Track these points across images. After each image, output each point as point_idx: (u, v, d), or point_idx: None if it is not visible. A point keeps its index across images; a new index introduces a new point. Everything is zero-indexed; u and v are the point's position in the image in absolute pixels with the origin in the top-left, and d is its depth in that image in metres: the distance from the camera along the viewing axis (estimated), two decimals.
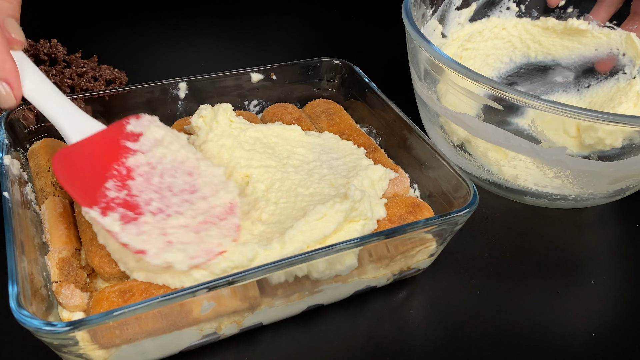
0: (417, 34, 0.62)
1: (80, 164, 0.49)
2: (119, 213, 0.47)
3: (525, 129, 0.65)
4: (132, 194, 0.48)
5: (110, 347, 0.43)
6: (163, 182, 0.51)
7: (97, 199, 0.47)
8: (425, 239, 0.52)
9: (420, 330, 0.54)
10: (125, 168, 0.50)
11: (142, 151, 0.51)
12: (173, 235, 0.47)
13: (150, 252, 0.45)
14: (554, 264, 0.61)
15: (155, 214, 0.48)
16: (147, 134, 0.52)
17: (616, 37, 0.78)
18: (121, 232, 0.46)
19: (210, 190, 0.52)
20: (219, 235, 0.49)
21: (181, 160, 0.53)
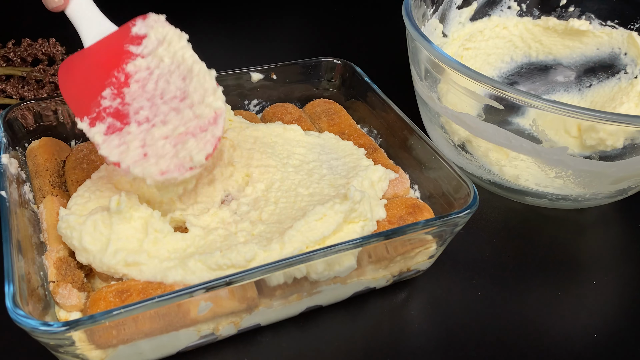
0: (417, 34, 0.61)
1: (83, 73, 0.50)
2: (107, 123, 0.48)
3: (527, 128, 0.65)
4: (125, 102, 0.49)
5: (107, 348, 0.42)
6: (156, 89, 0.50)
7: (91, 109, 0.48)
8: (425, 240, 0.51)
9: (420, 330, 0.54)
10: (123, 74, 0.50)
11: (142, 55, 0.51)
12: (151, 147, 0.47)
13: (123, 164, 0.46)
14: (555, 265, 0.61)
15: (140, 123, 0.49)
16: (151, 34, 0.52)
17: (618, 37, 0.77)
18: (102, 144, 0.47)
19: (199, 97, 0.50)
20: (195, 148, 0.48)
21: (178, 63, 0.51)
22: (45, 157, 0.57)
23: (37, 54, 0.78)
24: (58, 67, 0.76)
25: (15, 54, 0.77)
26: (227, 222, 0.52)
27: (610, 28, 0.78)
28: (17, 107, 0.57)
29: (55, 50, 0.78)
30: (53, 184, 0.55)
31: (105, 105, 0.49)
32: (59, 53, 0.78)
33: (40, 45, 0.79)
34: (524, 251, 0.62)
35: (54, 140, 0.59)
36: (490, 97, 0.58)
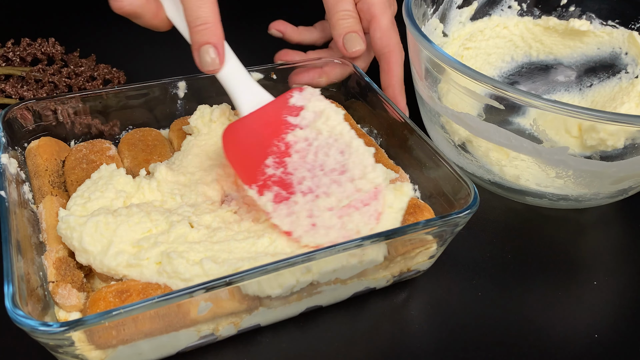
0: (418, 33, 0.61)
1: (246, 139, 0.51)
2: (274, 192, 0.50)
3: (527, 128, 0.65)
4: (288, 172, 0.51)
5: (107, 348, 0.42)
6: (316, 160, 0.52)
7: (257, 177, 0.50)
8: (425, 240, 0.51)
9: (421, 331, 0.54)
10: (284, 144, 0.52)
11: (301, 126, 0.53)
12: (318, 218, 0.49)
13: (295, 233, 0.48)
14: (556, 265, 0.61)
15: (305, 194, 0.50)
16: (308, 107, 0.53)
17: (618, 36, 0.77)
18: (273, 212, 0.49)
19: (359, 173, 0.52)
20: (359, 221, 0.50)
21: (336, 138, 0.53)
22: (44, 157, 0.57)
23: (36, 53, 0.78)
24: (57, 67, 0.77)
25: (14, 53, 0.77)
26: (228, 222, 0.51)
27: (611, 28, 0.78)
28: (17, 106, 0.57)
29: (55, 50, 0.78)
30: (52, 183, 0.55)
31: (269, 173, 0.50)
32: (58, 53, 0.78)
33: (40, 44, 0.79)
34: (525, 251, 0.62)
35: (53, 140, 0.59)
36: (491, 96, 0.58)
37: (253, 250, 0.48)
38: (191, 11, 0.51)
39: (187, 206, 0.52)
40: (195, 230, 0.49)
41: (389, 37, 0.69)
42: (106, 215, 0.48)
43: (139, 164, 0.58)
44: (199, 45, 0.52)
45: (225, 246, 0.48)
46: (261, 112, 0.53)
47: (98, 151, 0.59)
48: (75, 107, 0.60)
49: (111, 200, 0.51)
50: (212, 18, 0.52)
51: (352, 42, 0.68)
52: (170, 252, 0.46)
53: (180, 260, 0.45)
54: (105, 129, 0.63)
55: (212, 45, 0.52)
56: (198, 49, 0.52)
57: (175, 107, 0.66)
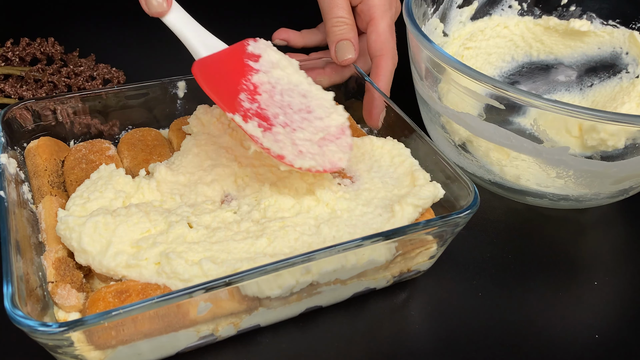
0: (418, 33, 0.61)
1: (215, 75, 0.53)
2: (256, 122, 0.51)
3: (528, 128, 0.65)
4: (262, 107, 0.53)
5: (106, 348, 0.42)
6: (283, 100, 0.55)
7: (236, 107, 0.51)
8: (425, 240, 0.51)
9: (421, 331, 0.53)
10: (251, 84, 0.54)
11: (263, 70, 0.55)
12: (302, 146, 0.52)
13: (287, 157, 0.50)
14: (556, 265, 0.61)
15: (283, 126, 0.53)
16: (265, 56, 0.56)
17: (619, 36, 0.77)
18: (262, 137, 0.51)
19: (324, 112, 0.56)
20: (337, 150, 0.54)
21: (296, 83, 0.57)
22: (44, 157, 0.56)
23: (35, 53, 0.78)
24: (56, 67, 0.76)
25: (13, 53, 0.77)
26: (227, 223, 0.51)
27: (611, 27, 0.78)
28: (16, 106, 0.57)
29: (54, 50, 0.78)
30: (52, 183, 0.55)
31: (245, 107, 0.52)
32: (57, 52, 0.78)
33: (39, 44, 0.79)
34: (525, 251, 0.62)
35: (52, 140, 0.59)
36: (491, 96, 0.58)
37: (252, 251, 0.48)
38: None
39: (186, 206, 0.52)
40: (194, 231, 0.49)
41: (383, 41, 0.68)
42: (105, 216, 0.48)
43: (139, 164, 0.58)
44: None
45: (224, 246, 0.47)
46: (224, 54, 0.55)
47: (97, 151, 0.59)
48: (74, 107, 0.60)
49: (110, 200, 0.51)
50: None
51: (343, 50, 0.68)
52: (169, 253, 0.46)
53: (179, 261, 0.45)
54: (104, 128, 0.62)
55: None
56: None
57: (175, 107, 0.66)
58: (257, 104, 0.53)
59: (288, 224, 0.50)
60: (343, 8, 0.68)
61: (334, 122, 0.55)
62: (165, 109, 0.65)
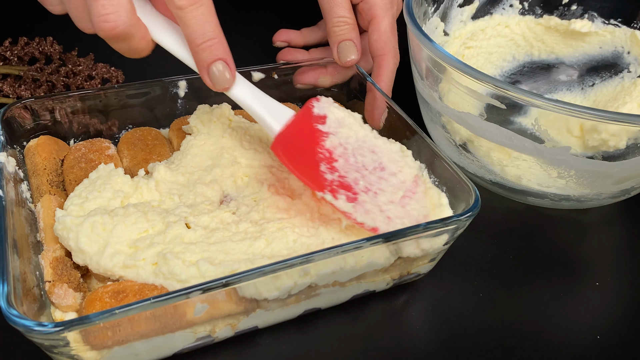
0: (418, 32, 0.61)
1: (295, 150, 0.51)
2: (343, 195, 0.50)
3: (529, 128, 0.65)
4: (342, 175, 0.51)
5: (102, 349, 0.42)
6: (357, 162, 0.53)
7: (323, 183, 0.50)
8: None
9: (422, 332, 0.53)
10: (326, 151, 0.52)
11: (332, 132, 0.54)
12: (388, 211, 0.51)
13: (381, 229, 0.49)
14: (558, 266, 0.61)
15: (365, 192, 0.51)
16: (330, 115, 0.55)
17: (621, 35, 0.77)
18: (355, 212, 0.49)
19: (396, 166, 0.55)
20: (418, 207, 0.52)
21: (363, 139, 0.55)
22: (43, 156, 0.56)
23: (34, 52, 0.78)
24: (54, 66, 0.76)
25: (12, 52, 0.77)
26: (226, 223, 0.51)
27: (613, 26, 0.78)
28: (15, 105, 0.56)
29: (53, 49, 0.78)
30: (51, 182, 0.55)
31: (329, 179, 0.50)
32: (56, 52, 0.78)
33: (37, 44, 0.78)
34: (526, 252, 0.62)
35: (52, 139, 0.59)
36: (492, 96, 0.58)
37: (250, 252, 0.47)
38: (195, 28, 0.48)
39: (184, 206, 0.52)
40: (192, 231, 0.49)
41: (385, 40, 0.68)
42: (102, 216, 0.47)
43: (138, 163, 0.58)
44: (208, 63, 0.49)
45: (222, 247, 0.47)
46: (296, 124, 0.53)
47: (97, 150, 0.59)
48: (73, 106, 0.60)
49: (108, 200, 0.51)
50: (218, 33, 0.49)
51: (346, 51, 0.67)
52: (166, 253, 0.45)
53: (176, 261, 0.45)
54: (103, 128, 0.62)
55: (222, 61, 0.50)
56: (208, 66, 0.50)
57: (176, 107, 0.66)
58: (337, 172, 0.51)
59: (287, 225, 0.50)
60: (344, 7, 0.67)
61: (408, 176, 0.55)
62: (166, 108, 0.65)
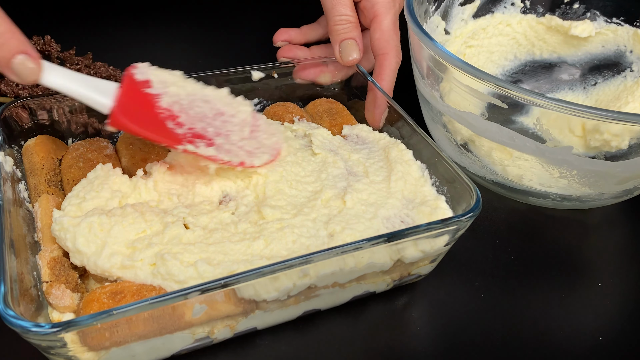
0: (419, 31, 0.61)
1: (137, 116, 0.51)
2: (201, 142, 0.51)
3: (531, 127, 0.64)
4: (191, 128, 0.52)
5: (100, 350, 0.42)
6: (198, 113, 0.54)
7: (178, 138, 0.51)
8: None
9: (422, 333, 0.53)
10: (165, 110, 0.52)
11: (162, 93, 0.53)
12: (245, 146, 0.54)
13: (246, 162, 0.52)
14: (560, 266, 0.60)
15: (219, 136, 0.53)
16: (153, 78, 0.54)
17: (623, 34, 0.77)
18: (219, 154, 0.51)
19: (232, 108, 0.57)
20: (268, 136, 0.56)
21: (193, 93, 0.56)
22: (41, 155, 0.56)
23: None
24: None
25: None
26: (225, 224, 0.51)
27: (615, 25, 0.77)
28: (13, 104, 0.56)
29: (51, 48, 0.77)
30: (49, 182, 0.55)
31: (181, 132, 0.51)
32: (54, 51, 0.77)
33: (35, 43, 0.78)
34: (528, 252, 0.62)
35: (50, 138, 0.59)
36: (494, 95, 0.57)
37: (248, 253, 0.47)
38: None
39: (183, 207, 0.51)
40: (190, 232, 0.48)
41: (387, 39, 0.67)
42: (100, 216, 0.47)
43: (137, 163, 0.58)
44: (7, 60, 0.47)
45: (220, 248, 0.47)
46: (125, 93, 0.52)
47: (95, 150, 0.58)
48: (71, 106, 0.60)
49: (106, 200, 0.51)
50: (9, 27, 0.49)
51: (348, 50, 0.66)
52: (164, 254, 0.45)
53: (174, 262, 0.44)
54: (102, 127, 0.62)
55: (21, 53, 0.48)
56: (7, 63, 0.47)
57: None
58: (186, 126, 0.52)
59: (286, 225, 0.50)
60: (346, 5, 0.67)
61: (246, 114, 0.57)
62: None
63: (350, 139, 0.63)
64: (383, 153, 0.60)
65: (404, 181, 0.56)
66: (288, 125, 0.64)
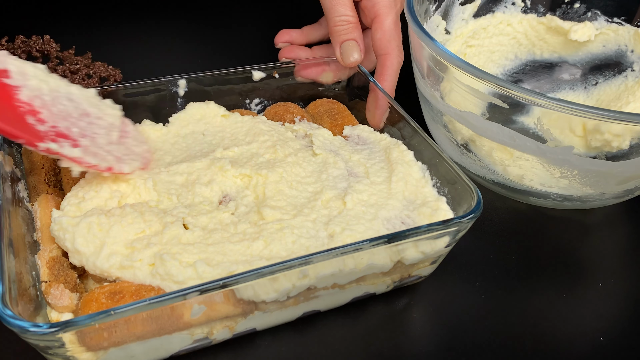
0: (420, 30, 0.61)
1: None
2: (65, 142, 0.47)
3: (531, 127, 0.64)
4: (53, 125, 0.48)
5: (98, 350, 0.41)
6: (61, 111, 0.49)
7: (40, 135, 0.46)
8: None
9: (423, 334, 0.53)
10: (25, 104, 0.47)
11: (22, 85, 0.48)
12: (113, 151, 0.51)
13: (115, 167, 0.50)
14: (561, 266, 0.60)
15: (84, 137, 0.49)
16: (12, 68, 0.48)
17: (624, 33, 0.77)
18: (85, 156, 0.48)
19: (98, 110, 0.53)
20: (137, 143, 0.54)
21: (56, 89, 0.51)
22: (41, 155, 0.56)
23: (31, 51, 0.78)
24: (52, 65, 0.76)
25: (9, 51, 0.77)
26: (224, 224, 0.51)
27: (616, 25, 0.77)
28: None
29: (50, 47, 0.78)
30: (48, 182, 0.54)
31: (42, 130, 0.47)
32: (53, 50, 0.78)
33: (34, 42, 0.78)
34: (528, 252, 0.61)
35: None
36: (494, 95, 0.57)
37: (248, 253, 0.47)
38: None
39: (182, 207, 0.51)
40: (189, 232, 0.48)
41: (389, 39, 0.67)
42: (99, 216, 0.47)
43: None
44: None
45: (219, 248, 0.47)
46: None
47: None
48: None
49: (106, 200, 0.50)
50: None
51: (349, 51, 0.66)
52: (163, 254, 0.45)
53: (173, 262, 0.44)
54: None
55: None
56: None
57: (175, 106, 0.65)
58: (48, 123, 0.47)
59: (286, 226, 0.49)
60: (346, 5, 0.66)
61: (114, 119, 0.54)
62: (166, 107, 0.65)
63: (351, 139, 0.63)
64: (384, 154, 0.60)
65: (404, 182, 0.56)
66: (289, 125, 0.64)
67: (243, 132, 0.61)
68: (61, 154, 0.47)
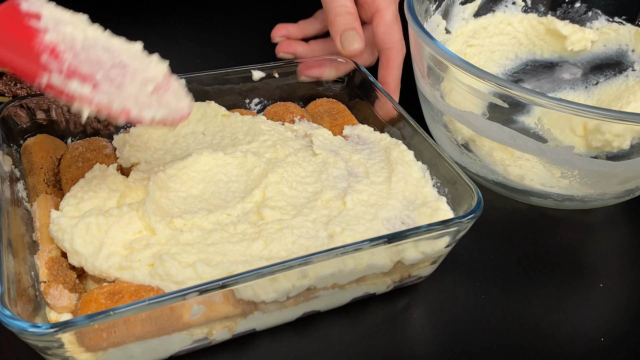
0: (420, 30, 0.60)
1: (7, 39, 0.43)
2: (75, 80, 0.42)
3: (532, 127, 0.64)
4: (72, 66, 0.43)
5: (97, 350, 0.41)
6: (91, 59, 0.45)
7: (44, 67, 0.42)
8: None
9: (423, 335, 0.53)
10: (46, 46, 0.43)
11: (50, 29, 0.45)
12: (140, 97, 0.45)
13: (133, 111, 0.43)
14: (561, 267, 0.60)
15: (109, 82, 0.44)
16: (46, 12, 0.46)
17: (625, 33, 0.77)
18: (96, 95, 0.42)
19: (140, 64, 0.48)
20: (176, 99, 0.48)
21: (93, 38, 0.47)
22: (40, 155, 0.56)
23: None
24: None
25: None
26: (224, 224, 0.50)
27: (617, 24, 0.77)
28: (12, 104, 0.56)
29: None
30: (47, 182, 0.54)
31: (52, 67, 0.43)
32: None
33: None
34: (529, 253, 0.61)
35: (49, 138, 0.59)
36: (495, 95, 0.57)
37: (247, 254, 0.47)
38: None
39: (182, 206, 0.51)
40: (189, 232, 0.48)
41: (391, 32, 0.67)
42: (97, 217, 0.47)
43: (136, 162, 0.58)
44: None
45: (219, 249, 0.47)
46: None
47: (95, 149, 0.58)
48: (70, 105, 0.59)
49: (104, 200, 0.50)
50: None
51: (350, 40, 0.66)
52: (162, 255, 0.45)
53: (172, 263, 0.44)
54: (101, 127, 0.62)
55: None
56: None
57: None
58: (65, 64, 0.43)
59: (285, 226, 0.49)
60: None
61: (158, 73, 0.48)
62: None
63: (351, 139, 0.63)
64: (384, 154, 0.60)
65: (404, 182, 0.56)
66: (289, 125, 0.64)
67: (243, 132, 0.61)
68: (65, 90, 0.41)
